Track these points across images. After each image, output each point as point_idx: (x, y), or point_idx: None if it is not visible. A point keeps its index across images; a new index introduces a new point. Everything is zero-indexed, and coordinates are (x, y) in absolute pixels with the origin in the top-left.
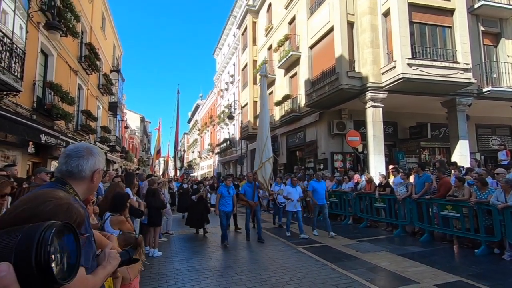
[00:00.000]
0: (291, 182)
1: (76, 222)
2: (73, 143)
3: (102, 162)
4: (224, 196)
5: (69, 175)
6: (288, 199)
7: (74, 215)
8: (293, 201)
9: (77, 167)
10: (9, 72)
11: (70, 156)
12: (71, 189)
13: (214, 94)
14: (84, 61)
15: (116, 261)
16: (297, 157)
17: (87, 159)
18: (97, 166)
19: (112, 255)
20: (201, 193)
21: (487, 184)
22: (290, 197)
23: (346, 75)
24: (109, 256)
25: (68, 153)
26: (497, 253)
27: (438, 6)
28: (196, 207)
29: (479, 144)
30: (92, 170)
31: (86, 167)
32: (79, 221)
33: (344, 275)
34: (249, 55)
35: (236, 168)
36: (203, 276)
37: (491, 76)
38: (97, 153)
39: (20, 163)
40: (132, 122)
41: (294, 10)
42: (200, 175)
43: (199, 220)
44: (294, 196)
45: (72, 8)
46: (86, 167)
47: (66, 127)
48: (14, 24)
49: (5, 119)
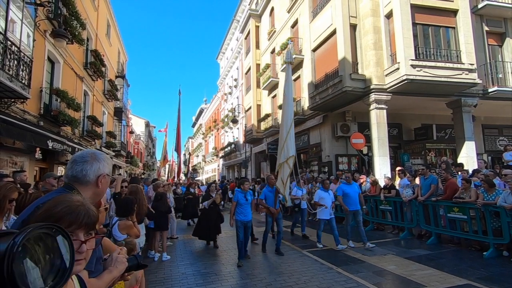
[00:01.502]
0: (323, 186)
1: (83, 222)
2: (80, 148)
3: (108, 168)
4: (241, 203)
5: (74, 180)
6: (321, 206)
7: (81, 216)
8: (327, 208)
9: (81, 172)
10: (17, 79)
11: (75, 161)
12: (77, 193)
13: (218, 98)
14: (89, 68)
15: (123, 266)
16: (302, 160)
17: (91, 164)
18: (101, 171)
19: (119, 260)
20: (215, 198)
21: (494, 186)
22: (323, 202)
23: (349, 78)
24: (116, 261)
25: (74, 159)
26: (506, 255)
27: (441, 7)
28: (207, 214)
29: (486, 145)
30: (97, 175)
31: (90, 172)
32: (87, 222)
33: (350, 279)
34: (252, 59)
35: (241, 172)
36: (208, 280)
37: (497, 76)
38: (102, 158)
39: (28, 169)
40: (137, 127)
41: (296, 14)
42: (205, 178)
43: (210, 230)
44: (328, 202)
45: (78, 16)
46: (90, 172)
47: (72, 133)
48: (21, 32)
49: (13, 126)
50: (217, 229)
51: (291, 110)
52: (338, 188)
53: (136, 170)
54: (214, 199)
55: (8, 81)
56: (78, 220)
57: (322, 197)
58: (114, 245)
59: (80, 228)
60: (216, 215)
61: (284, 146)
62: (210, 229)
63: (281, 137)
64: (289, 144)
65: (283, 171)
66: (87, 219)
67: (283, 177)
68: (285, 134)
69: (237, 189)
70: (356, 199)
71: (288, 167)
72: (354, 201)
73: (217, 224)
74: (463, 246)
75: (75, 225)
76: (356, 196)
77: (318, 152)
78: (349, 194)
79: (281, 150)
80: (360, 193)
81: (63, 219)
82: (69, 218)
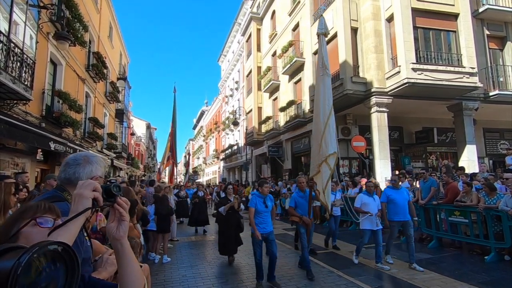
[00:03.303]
0: (366, 190)
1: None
2: (81, 150)
3: (101, 170)
4: (260, 211)
5: (67, 182)
6: (364, 213)
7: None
8: (372, 216)
9: (73, 174)
10: (20, 81)
11: (68, 164)
12: (69, 195)
13: (219, 100)
14: (91, 70)
15: (113, 267)
16: (302, 162)
17: (83, 167)
18: (94, 174)
19: (110, 262)
20: (232, 203)
21: (495, 189)
22: (366, 209)
23: (350, 81)
24: (106, 262)
25: (67, 161)
26: (508, 260)
27: (442, 11)
28: (226, 223)
29: (487, 148)
30: (89, 177)
31: (82, 174)
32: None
33: (351, 282)
34: (253, 61)
35: (241, 174)
36: (208, 282)
37: (498, 79)
38: (95, 161)
39: (29, 170)
40: (138, 129)
41: (297, 17)
42: (205, 180)
43: (231, 240)
44: (373, 209)
45: (80, 19)
46: (83, 174)
47: (74, 134)
48: (24, 34)
49: (16, 128)
50: (238, 240)
51: (329, 92)
52: (382, 193)
53: (137, 172)
54: (232, 204)
55: (11, 82)
56: (39, 208)
57: (365, 203)
58: (105, 247)
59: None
60: (235, 224)
61: (322, 141)
62: (230, 240)
63: (316, 129)
64: (328, 138)
65: (321, 173)
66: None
67: (323, 181)
68: (323, 125)
69: (254, 192)
70: (405, 207)
71: (328, 168)
72: (402, 209)
73: (238, 234)
74: (464, 250)
75: (39, 213)
76: (405, 204)
77: None
78: (396, 200)
79: (318, 147)
80: (410, 201)
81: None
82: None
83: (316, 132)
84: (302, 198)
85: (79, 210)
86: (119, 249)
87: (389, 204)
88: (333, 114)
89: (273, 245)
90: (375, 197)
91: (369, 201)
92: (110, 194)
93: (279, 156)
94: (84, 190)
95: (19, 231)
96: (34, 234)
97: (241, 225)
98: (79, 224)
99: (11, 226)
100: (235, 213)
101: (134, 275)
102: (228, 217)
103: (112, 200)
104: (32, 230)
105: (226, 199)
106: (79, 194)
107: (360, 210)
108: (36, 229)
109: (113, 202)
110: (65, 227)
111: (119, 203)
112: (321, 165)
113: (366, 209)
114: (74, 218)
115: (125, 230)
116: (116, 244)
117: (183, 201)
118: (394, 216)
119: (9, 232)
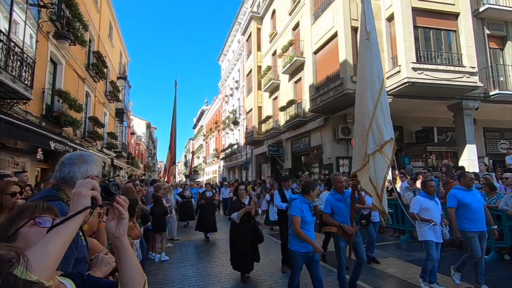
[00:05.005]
0: (425, 191)
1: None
2: (81, 149)
3: (96, 169)
4: (307, 221)
5: (62, 182)
6: (425, 221)
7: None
8: (436, 225)
9: (69, 174)
10: (20, 80)
11: (63, 163)
12: (64, 194)
13: (219, 100)
14: (91, 69)
15: (108, 267)
16: (302, 162)
17: (79, 166)
18: (89, 173)
19: (105, 261)
20: (248, 208)
21: (495, 189)
22: (428, 216)
23: (350, 80)
24: (101, 262)
25: (62, 161)
26: (507, 259)
27: (442, 10)
28: (240, 232)
29: (487, 148)
30: (84, 177)
31: (77, 173)
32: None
33: None
34: (253, 61)
35: (241, 174)
36: (209, 282)
37: (498, 79)
38: (90, 160)
39: (29, 170)
40: (138, 128)
41: (298, 16)
42: (205, 180)
43: (247, 254)
44: (436, 215)
45: (80, 18)
46: (78, 173)
47: (74, 133)
48: (24, 34)
49: (17, 127)
50: (256, 254)
51: (379, 62)
52: (450, 196)
53: (137, 171)
54: (248, 210)
55: (11, 82)
56: (38, 208)
57: (425, 207)
58: (101, 246)
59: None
60: (253, 233)
61: (371, 124)
62: (247, 253)
63: (360, 110)
64: (382, 120)
65: (374, 167)
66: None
67: (377, 177)
68: (372, 103)
69: (297, 196)
70: (481, 213)
71: (384, 159)
72: (478, 216)
73: (255, 247)
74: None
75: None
76: (481, 209)
77: (319, 154)
78: (470, 205)
79: (367, 133)
80: (485, 205)
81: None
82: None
83: (361, 114)
84: (340, 201)
85: (78, 209)
86: (119, 247)
87: (461, 209)
88: (384, 90)
89: (318, 267)
90: (437, 201)
91: (430, 205)
92: (109, 193)
93: (279, 155)
94: (83, 189)
95: (17, 231)
96: (32, 234)
97: (260, 234)
98: (78, 223)
99: (9, 226)
100: (250, 219)
101: (134, 273)
102: (241, 224)
103: (111, 198)
104: (31, 230)
105: (238, 202)
106: (78, 192)
107: (421, 218)
108: (35, 229)
109: (112, 200)
110: (63, 225)
111: (118, 202)
112: (372, 156)
113: (428, 216)
114: (73, 217)
115: (125, 228)
116: (116, 242)
117: (188, 202)
118: (471, 224)
119: (6, 232)
